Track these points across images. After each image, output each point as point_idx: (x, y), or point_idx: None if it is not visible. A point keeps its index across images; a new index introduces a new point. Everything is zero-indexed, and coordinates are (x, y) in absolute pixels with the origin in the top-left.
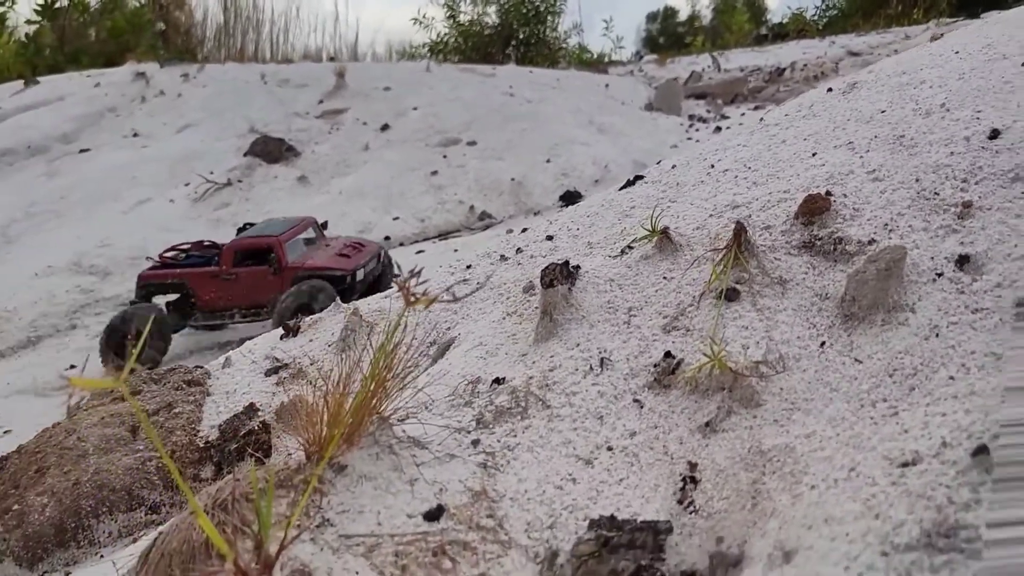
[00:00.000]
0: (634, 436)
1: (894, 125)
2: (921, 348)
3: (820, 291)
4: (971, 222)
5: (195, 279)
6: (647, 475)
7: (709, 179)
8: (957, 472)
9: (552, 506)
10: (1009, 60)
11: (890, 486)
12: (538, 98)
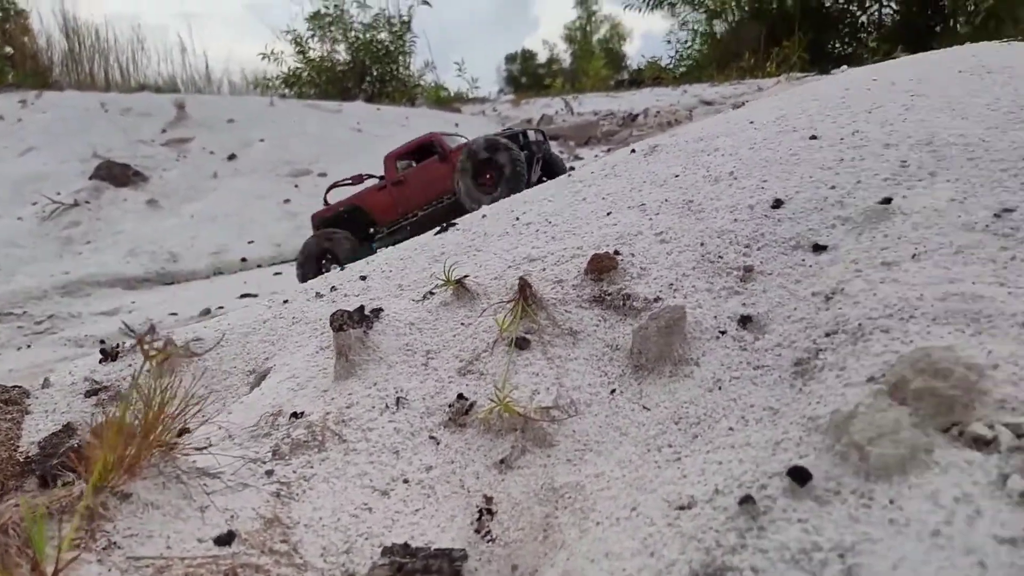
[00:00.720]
0: (430, 470)
1: (685, 190)
2: (705, 399)
3: (611, 342)
4: (753, 285)
5: (367, 198)
6: (444, 506)
7: (513, 231)
8: (726, 518)
9: (347, 533)
10: (798, 132)
11: (666, 527)
12: (387, 134)
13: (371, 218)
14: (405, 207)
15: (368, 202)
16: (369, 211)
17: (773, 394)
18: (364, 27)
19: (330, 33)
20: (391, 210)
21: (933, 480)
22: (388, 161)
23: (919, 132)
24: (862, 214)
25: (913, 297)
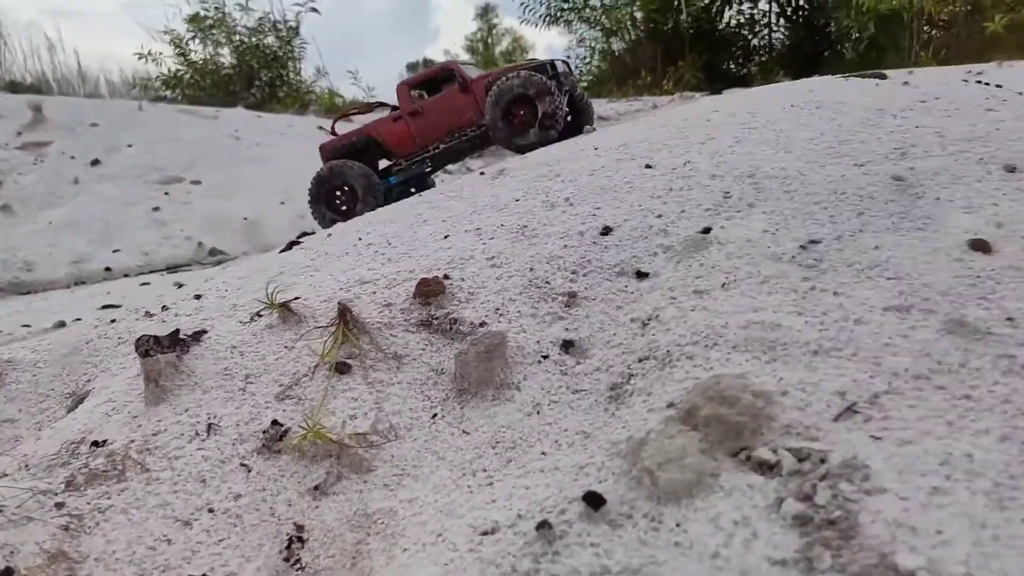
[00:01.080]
0: (239, 499)
1: (522, 215)
2: (523, 424)
3: (436, 367)
4: (577, 310)
5: (381, 128)
6: (251, 536)
7: (354, 251)
8: (524, 543)
9: (142, 566)
10: (636, 161)
11: (468, 552)
12: (268, 142)
13: (386, 150)
14: (423, 139)
15: (383, 133)
16: (384, 142)
17: (587, 418)
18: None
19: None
20: (408, 142)
21: (717, 504)
22: (401, 90)
23: (744, 164)
24: (683, 243)
25: (719, 325)
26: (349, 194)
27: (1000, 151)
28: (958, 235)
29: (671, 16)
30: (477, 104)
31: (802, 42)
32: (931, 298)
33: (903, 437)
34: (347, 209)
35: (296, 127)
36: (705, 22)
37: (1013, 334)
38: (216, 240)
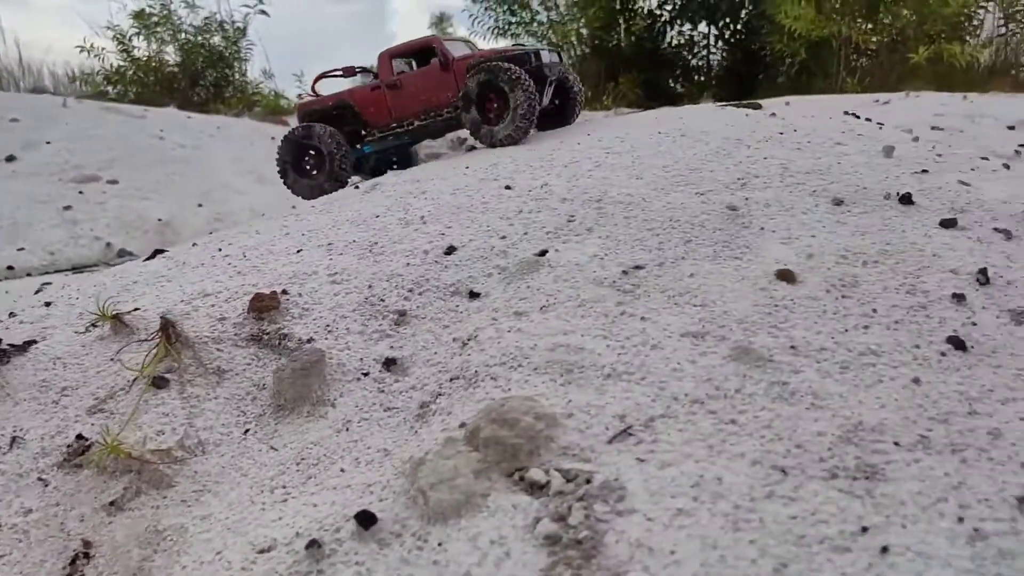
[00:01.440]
0: (29, 514)
1: (376, 231)
2: (331, 440)
3: (259, 382)
4: (405, 329)
5: (357, 96)
6: (35, 552)
7: (211, 262)
8: (294, 561)
9: None
10: (498, 182)
11: (241, 571)
12: (193, 144)
13: (361, 118)
14: (399, 113)
15: (358, 100)
16: (359, 111)
17: (392, 436)
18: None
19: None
20: (384, 114)
21: (479, 524)
22: (382, 59)
23: (596, 189)
24: (518, 265)
25: (528, 347)
26: (317, 158)
27: (834, 184)
28: (769, 265)
29: (615, 34)
30: (456, 85)
31: (738, 64)
32: (727, 325)
33: (665, 460)
34: (317, 173)
35: (225, 129)
36: (647, 41)
37: (791, 362)
38: (127, 241)
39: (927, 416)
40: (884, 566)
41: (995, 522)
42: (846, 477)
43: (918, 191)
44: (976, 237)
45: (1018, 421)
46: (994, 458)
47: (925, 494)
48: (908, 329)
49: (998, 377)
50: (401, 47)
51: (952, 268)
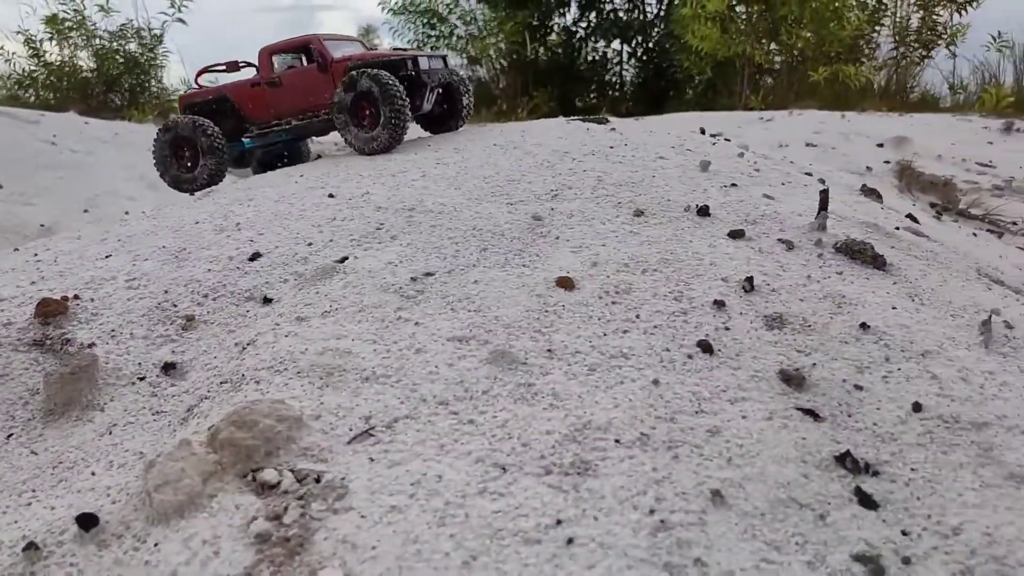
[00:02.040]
0: None
1: (189, 238)
2: (91, 444)
3: (33, 387)
4: (191, 333)
5: (237, 91)
6: None
7: (21, 267)
8: (11, 563)
9: None
10: (323, 190)
11: None
12: (86, 149)
13: (241, 114)
14: (278, 111)
15: (237, 96)
16: (239, 106)
17: (152, 439)
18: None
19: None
20: (263, 111)
21: (198, 524)
22: (263, 56)
23: (412, 199)
24: (315, 271)
25: (299, 351)
26: (193, 153)
27: (641, 196)
28: (552, 273)
29: (532, 49)
30: (335, 86)
31: (650, 81)
32: (494, 330)
33: (395, 459)
34: (192, 165)
35: (125, 135)
36: (563, 57)
37: (544, 364)
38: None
39: (655, 415)
40: (566, 556)
41: (684, 514)
42: (559, 473)
43: (720, 204)
44: (759, 248)
45: (740, 419)
46: (705, 454)
47: (627, 488)
48: (664, 333)
49: (734, 378)
50: (281, 44)
51: (724, 276)
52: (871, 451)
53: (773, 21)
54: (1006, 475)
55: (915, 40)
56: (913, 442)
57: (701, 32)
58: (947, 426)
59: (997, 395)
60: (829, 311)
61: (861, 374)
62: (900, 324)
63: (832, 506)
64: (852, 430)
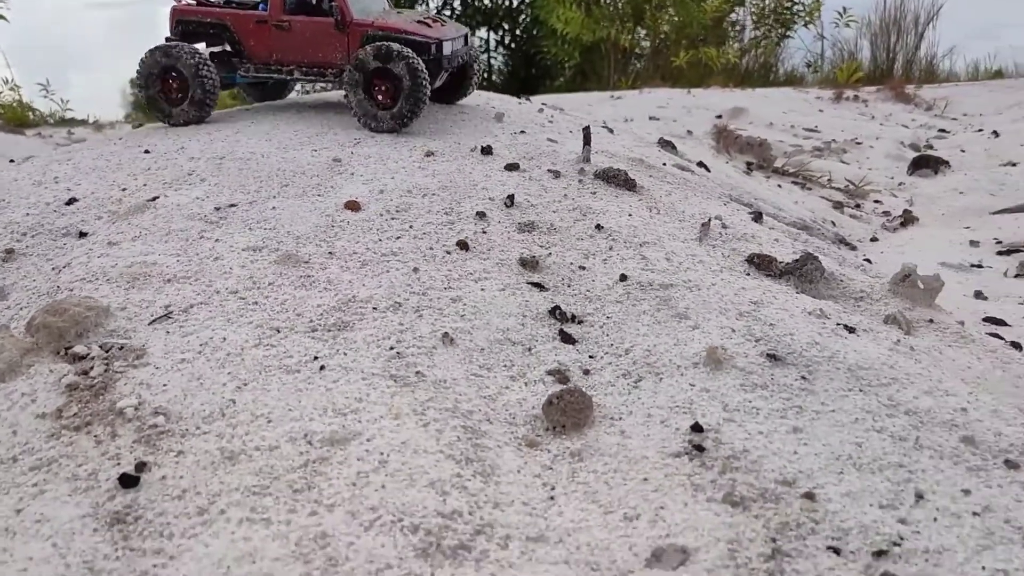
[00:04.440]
0: None
1: (10, 191)
2: None
3: None
4: (10, 264)
5: (239, 22)
6: None
7: None
8: None
9: None
10: (140, 148)
11: None
12: None
13: (240, 48)
14: (281, 56)
15: (238, 27)
16: (238, 39)
17: None
18: None
19: None
20: (264, 51)
21: (18, 384)
22: None
23: (224, 150)
24: (128, 209)
25: (109, 266)
26: (181, 88)
27: (434, 141)
28: (343, 199)
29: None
30: (347, 50)
31: (519, 69)
32: (284, 241)
33: (188, 331)
34: (175, 99)
35: None
36: None
37: (324, 262)
38: None
39: (410, 291)
40: (317, 378)
41: (417, 348)
42: (323, 330)
43: (505, 145)
44: (529, 176)
45: (480, 291)
46: (445, 313)
47: (375, 335)
48: (431, 238)
49: (482, 265)
50: None
51: (492, 197)
52: (579, 307)
53: (636, 5)
54: (673, 315)
55: (774, 20)
56: (613, 300)
57: (566, 16)
58: (642, 288)
59: (690, 268)
60: (574, 219)
61: (587, 259)
62: (631, 226)
63: (539, 342)
64: (568, 295)
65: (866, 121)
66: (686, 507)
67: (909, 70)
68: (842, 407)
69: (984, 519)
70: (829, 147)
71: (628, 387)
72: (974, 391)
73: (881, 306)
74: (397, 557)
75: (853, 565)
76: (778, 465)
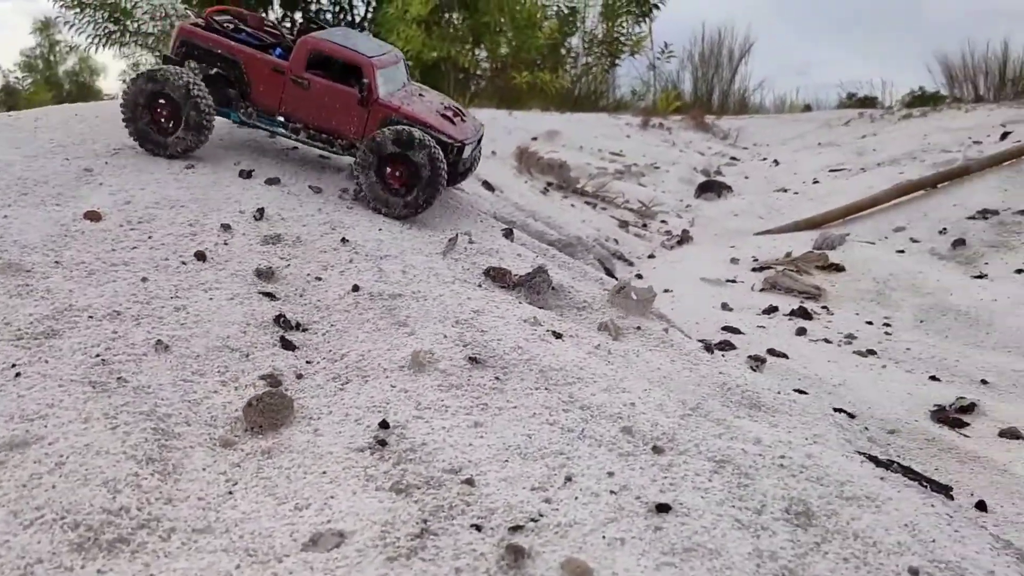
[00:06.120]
0: None
1: None
2: None
3: None
4: None
5: (253, 64)
6: None
7: None
8: None
9: None
10: None
11: None
12: None
13: (247, 89)
14: (289, 111)
15: (252, 70)
16: (247, 80)
17: None
18: None
19: None
20: (273, 100)
21: None
22: (302, 49)
23: None
24: None
25: None
26: (172, 115)
27: (195, 154)
28: (83, 209)
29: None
30: (364, 126)
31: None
32: (8, 250)
33: None
34: (166, 129)
35: None
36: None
37: (46, 272)
38: None
39: (134, 300)
40: (11, 384)
41: (126, 356)
42: (29, 338)
43: (273, 161)
44: (288, 191)
45: (207, 300)
46: (165, 322)
47: (83, 344)
48: (168, 248)
49: (215, 276)
50: (329, 48)
51: (242, 209)
52: (307, 316)
53: (476, 27)
54: (394, 323)
55: (604, 49)
56: (342, 309)
57: (406, 34)
58: (371, 298)
59: (424, 280)
60: (322, 232)
61: (325, 271)
62: (377, 240)
63: (258, 349)
64: (298, 304)
65: (668, 147)
66: (354, 496)
67: (725, 101)
68: (525, 404)
69: (619, 496)
70: (630, 170)
71: (335, 389)
72: (651, 388)
73: (599, 315)
74: (50, 552)
75: (490, 539)
76: (450, 456)
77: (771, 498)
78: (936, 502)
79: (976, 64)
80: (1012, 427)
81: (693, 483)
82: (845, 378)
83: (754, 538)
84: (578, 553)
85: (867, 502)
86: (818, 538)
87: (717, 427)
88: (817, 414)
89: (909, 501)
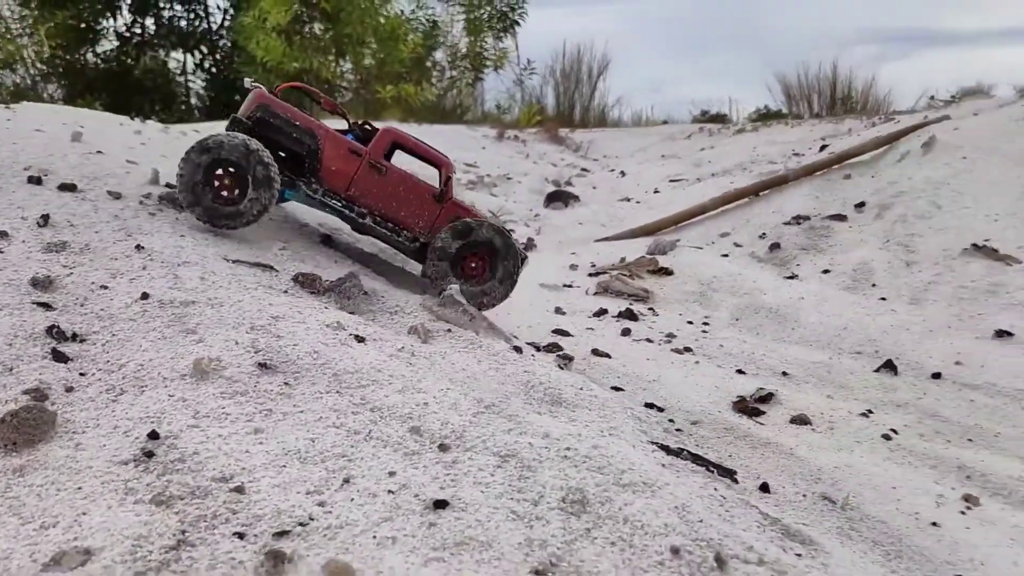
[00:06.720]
0: None
1: None
2: None
3: None
4: None
5: (332, 143)
6: None
7: None
8: None
9: None
10: None
11: None
12: None
13: (317, 166)
14: (359, 194)
15: (328, 148)
16: (321, 159)
17: None
18: None
19: None
20: (343, 181)
21: None
22: (384, 137)
23: None
24: None
25: None
26: (237, 182)
27: None
28: None
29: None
30: (437, 222)
31: (221, 94)
32: None
33: None
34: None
35: None
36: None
37: None
38: None
39: None
40: None
41: None
42: None
43: (71, 166)
44: (84, 197)
45: None
46: None
47: None
48: None
49: None
50: (414, 144)
51: (25, 216)
52: (86, 326)
53: (339, 39)
54: (182, 330)
55: (469, 63)
56: (127, 318)
57: (266, 44)
58: (161, 306)
59: (223, 287)
60: (116, 239)
61: (114, 278)
62: (177, 246)
63: (24, 362)
64: (79, 314)
65: (522, 159)
66: (109, 510)
67: (586, 115)
68: (312, 408)
69: (397, 496)
70: (483, 180)
71: (107, 401)
72: (450, 388)
73: (411, 319)
74: None
75: (252, 546)
76: (222, 464)
77: (549, 488)
78: (719, 485)
79: (810, 84)
80: (802, 414)
81: (475, 478)
82: (660, 375)
83: (527, 528)
84: (344, 555)
85: (643, 488)
86: (589, 524)
87: (508, 423)
88: (616, 408)
89: (686, 486)
